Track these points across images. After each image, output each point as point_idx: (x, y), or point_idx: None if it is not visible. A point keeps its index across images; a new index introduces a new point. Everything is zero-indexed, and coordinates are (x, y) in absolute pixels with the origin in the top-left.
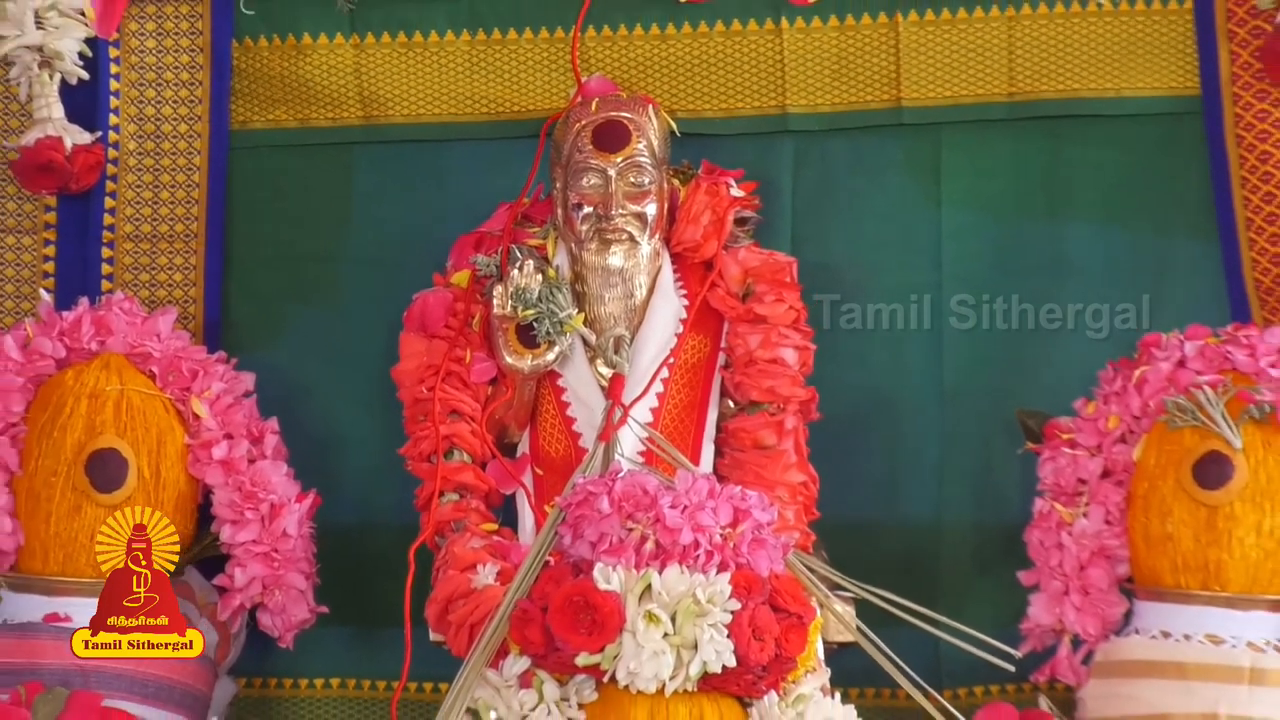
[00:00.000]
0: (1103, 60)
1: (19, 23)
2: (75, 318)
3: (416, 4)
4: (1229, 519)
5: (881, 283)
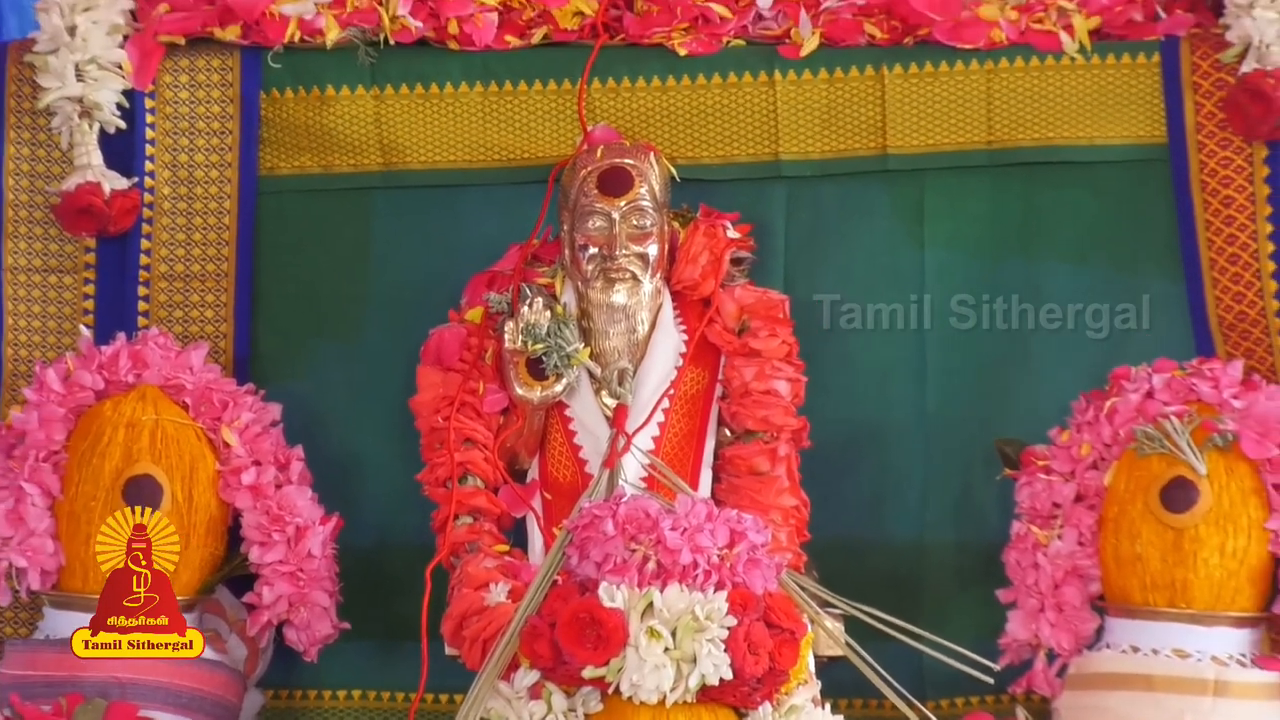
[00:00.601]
0: (1076, 111)
1: (60, 75)
2: (113, 352)
3: (433, 58)
4: (1194, 541)
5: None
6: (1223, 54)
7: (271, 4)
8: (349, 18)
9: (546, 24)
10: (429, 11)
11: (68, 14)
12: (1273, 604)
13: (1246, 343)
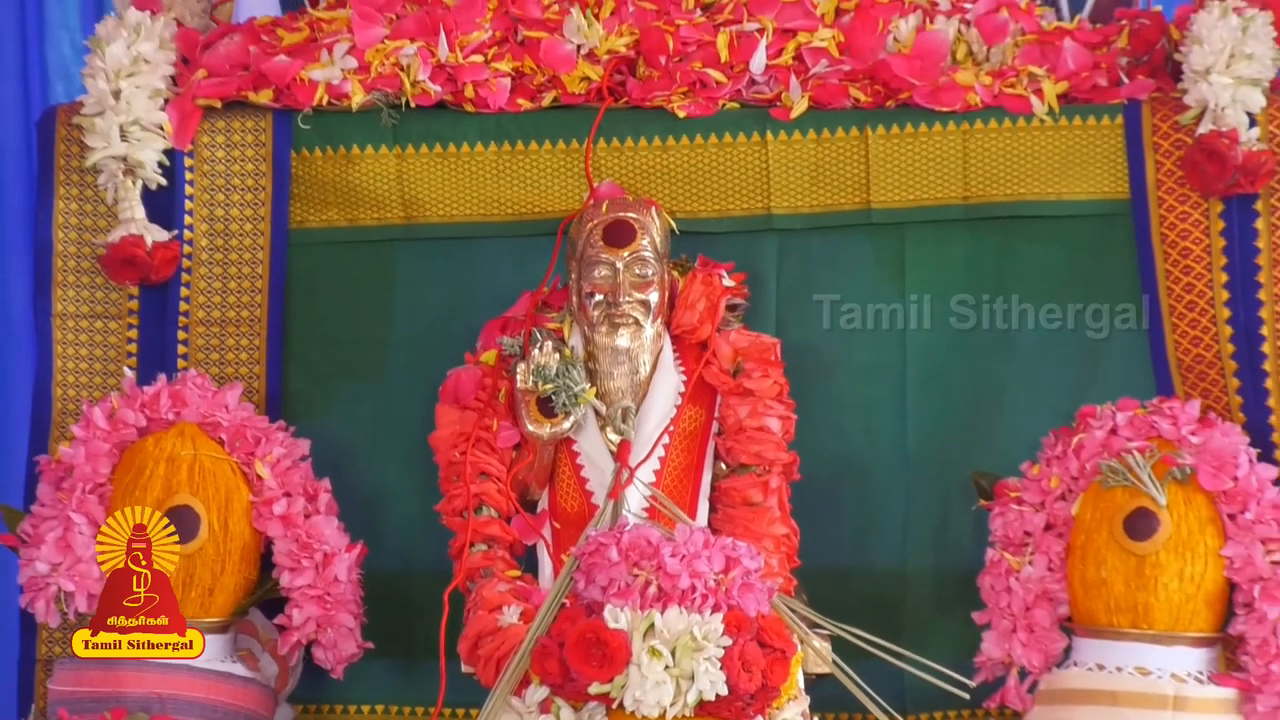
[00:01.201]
0: (1045, 169)
1: (106, 136)
2: (154, 392)
3: (451, 119)
4: (1155, 567)
5: (854, 360)
6: (1181, 116)
7: (301, 70)
8: (373, 82)
9: (555, 88)
10: (447, 76)
11: (113, 79)
12: (1228, 625)
13: (1203, 383)
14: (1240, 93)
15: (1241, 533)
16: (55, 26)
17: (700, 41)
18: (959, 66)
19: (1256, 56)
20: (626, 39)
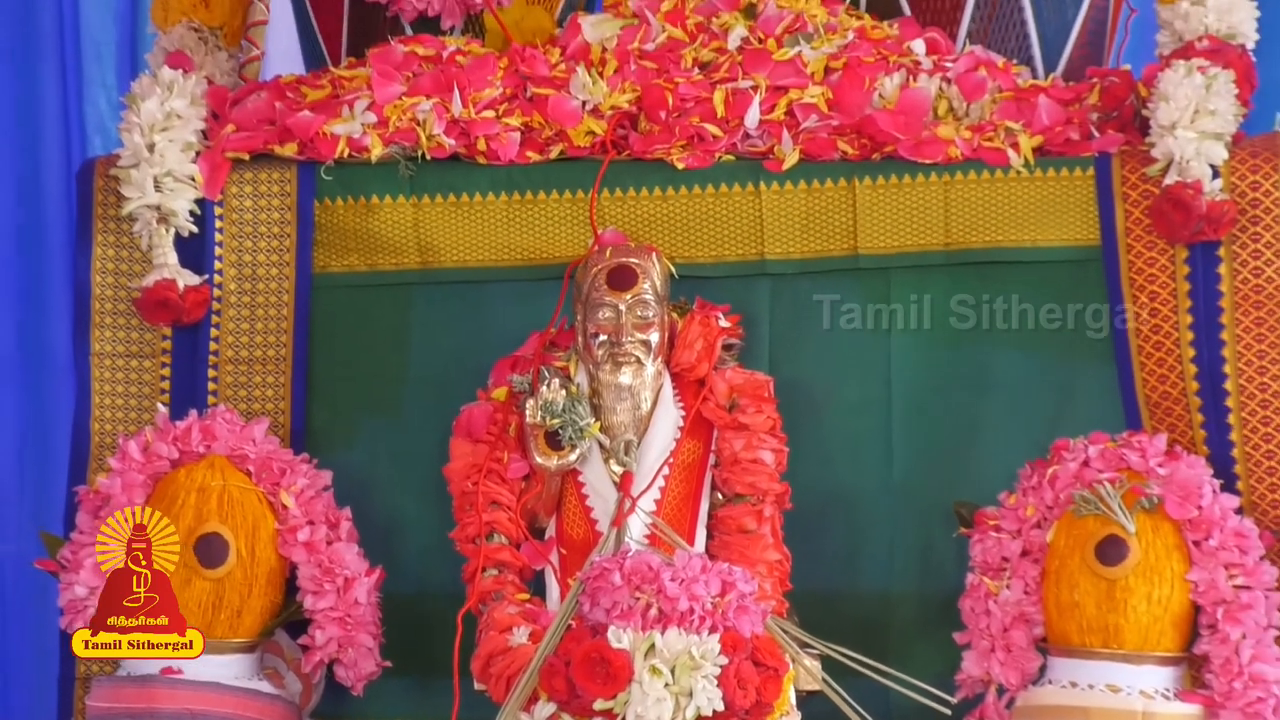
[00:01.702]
0: (1021, 217)
1: (141, 187)
2: (186, 426)
3: (464, 171)
4: (1124, 590)
5: (843, 397)
6: (1149, 168)
7: (324, 125)
8: (391, 136)
9: (562, 141)
10: (460, 130)
11: (147, 134)
12: (1193, 645)
13: (1169, 419)
14: (1204, 146)
15: (1206, 558)
16: (93, 84)
17: (698, 98)
18: (940, 121)
19: (1219, 112)
20: (629, 95)
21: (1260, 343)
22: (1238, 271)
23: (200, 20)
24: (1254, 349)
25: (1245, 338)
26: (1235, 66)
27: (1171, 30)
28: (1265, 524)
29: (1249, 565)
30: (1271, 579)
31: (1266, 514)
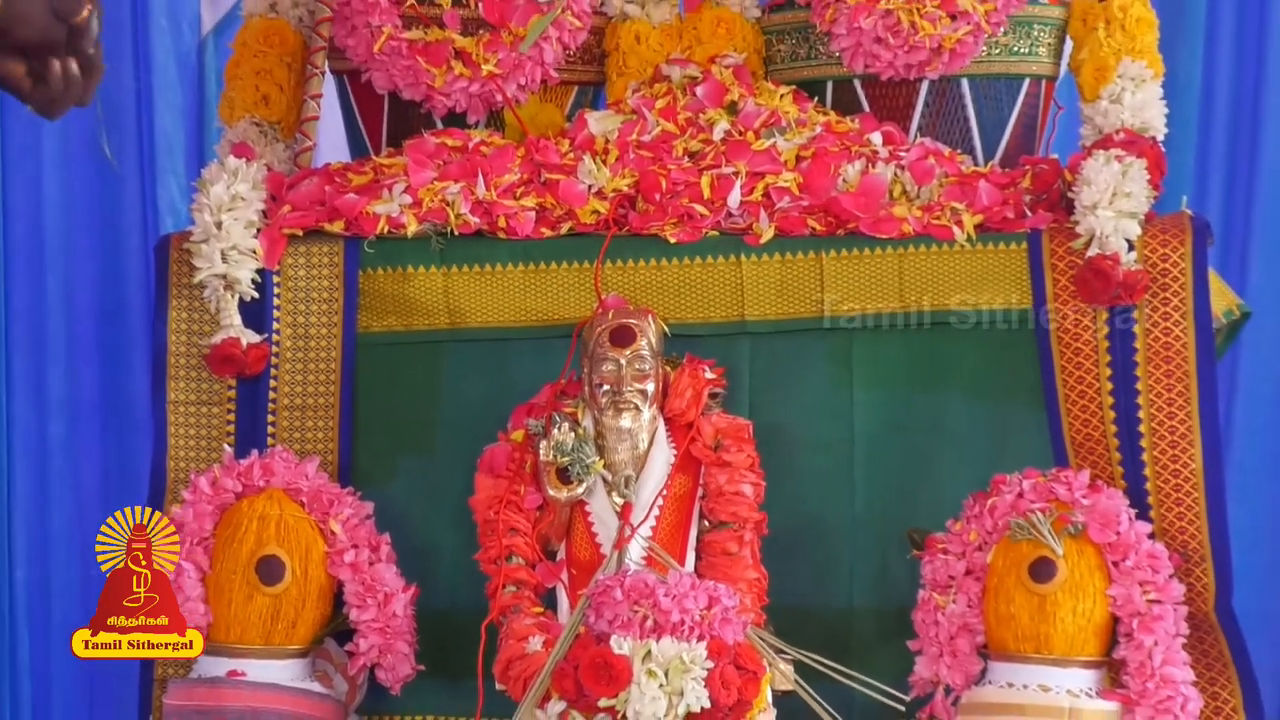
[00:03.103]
0: (965, 284)
1: (210, 258)
2: (248, 464)
3: (487, 244)
4: (1053, 604)
5: (812, 439)
6: (1074, 242)
7: (367, 205)
8: (424, 215)
9: (571, 219)
10: (484, 210)
11: (216, 213)
12: (1112, 651)
13: (1092, 457)
14: (1121, 224)
15: (1123, 577)
16: (165, 173)
17: (687, 182)
18: (895, 202)
19: (1133, 195)
20: (628, 180)
21: (1169, 391)
22: (1149, 331)
23: (261, 116)
24: (1164, 397)
25: (1156, 388)
26: (1148, 156)
27: (1093, 125)
28: (1173, 547)
29: (1160, 582)
30: (1179, 594)
31: (1174, 539)
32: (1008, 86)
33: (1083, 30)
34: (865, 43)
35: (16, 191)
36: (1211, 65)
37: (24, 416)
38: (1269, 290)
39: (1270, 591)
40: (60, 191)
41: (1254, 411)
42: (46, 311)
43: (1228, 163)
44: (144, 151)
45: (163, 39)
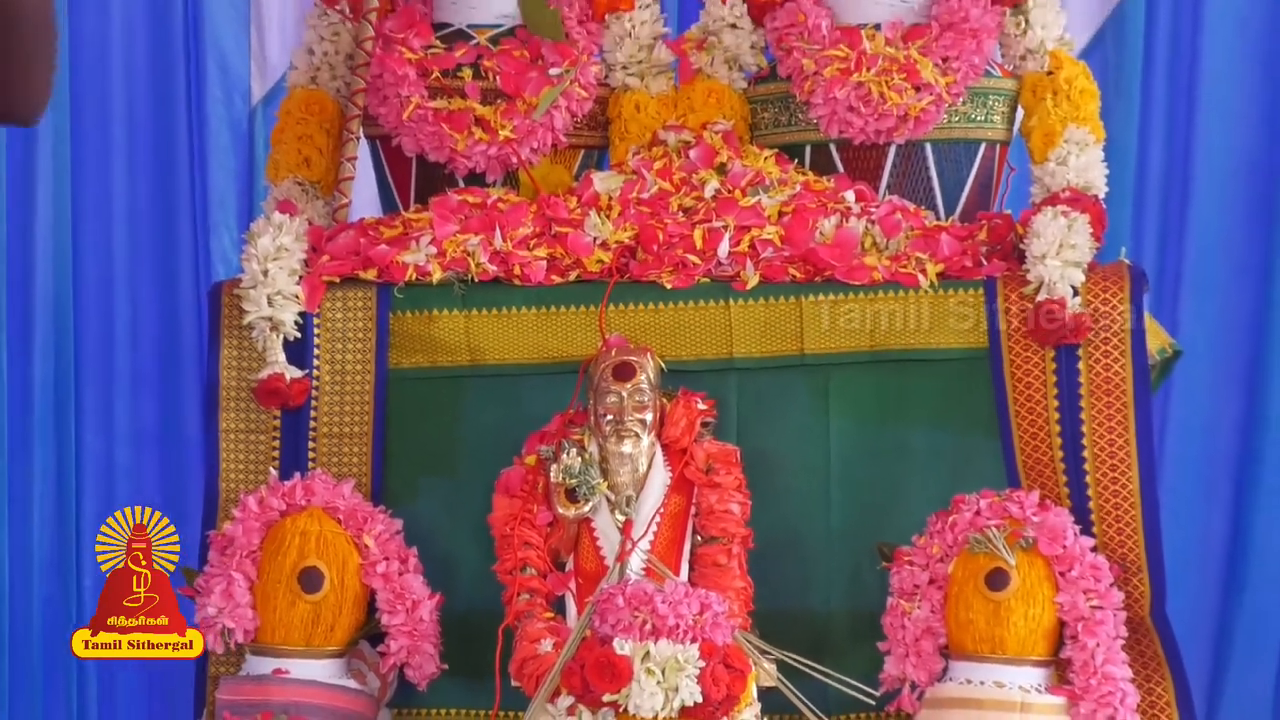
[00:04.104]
0: (929, 325)
1: (258, 303)
2: (291, 485)
3: (504, 290)
4: (1007, 610)
5: (793, 463)
6: (1025, 289)
7: (396, 255)
8: (448, 264)
9: (578, 268)
10: (501, 259)
11: (263, 262)
12: (1059, 652)
13: (1041, 479)
14: (1067, 272)
15: (1069, 585)
16: (218, 225)
17: (682, 235)
18: (866, 253)
19: (1078, 246)
20: (629, 233)
21: (1110, 421)
22: (1092, 368)
23: (303, 176)
24: (1105, 426)
25: (1098, 418)
26: (1090, 211)
27: (1042, 184)
28: (1113, 559)
29: (1102, 590)
30: (1119, 601)
31: (1114, 551)
32: (966, 150)
33: (1032, 100)
34: (839, 111)
35: (87, 239)
36: (1146, 130)
37: (93, 443)
38: (1198, 332)
39: (1201, 600)
40: (127, 243)
41: (1185, 441)
42: (114, 349)
43: (1160, 217)
44: (198, 207)
45: (216, 108)
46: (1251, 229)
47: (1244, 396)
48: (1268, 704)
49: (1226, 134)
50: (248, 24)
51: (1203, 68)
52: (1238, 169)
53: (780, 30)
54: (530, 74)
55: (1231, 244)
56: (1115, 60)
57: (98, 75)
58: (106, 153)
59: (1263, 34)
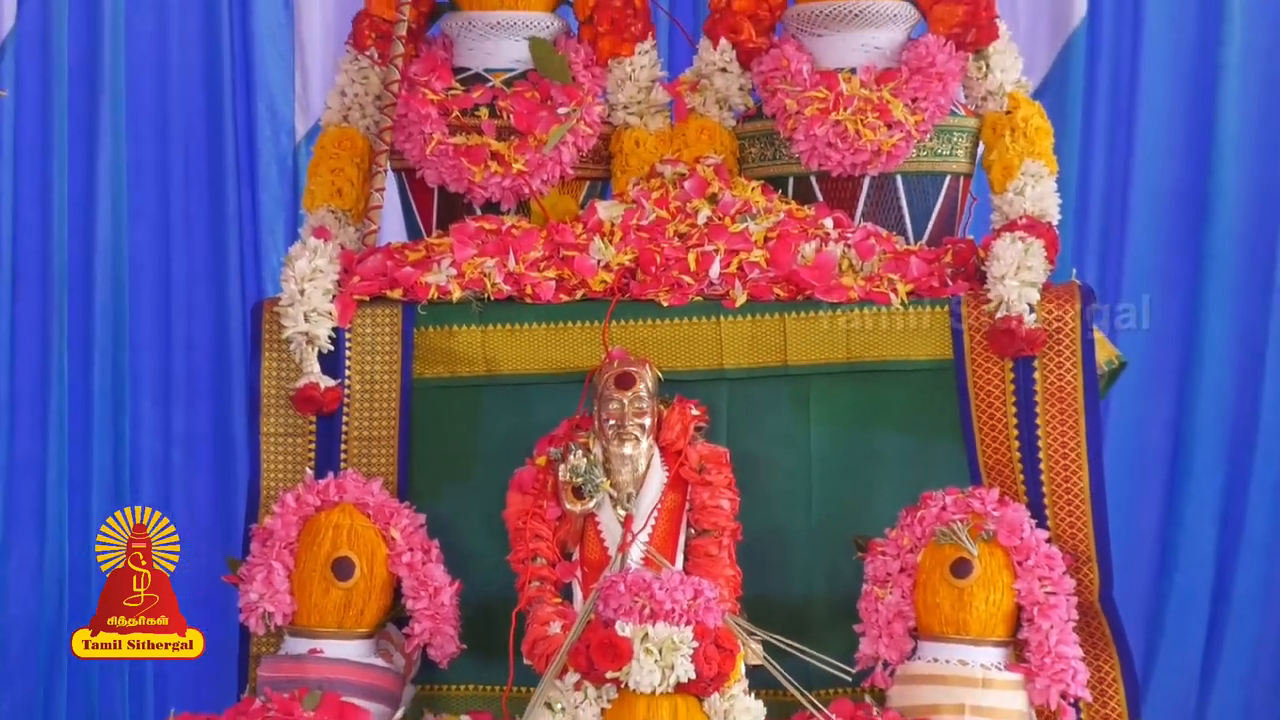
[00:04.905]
0: (899, 339)
1: (295, 319)
2: (325, 483)
3: (516, 307)
4: (969, 595)
5: (777, 463)
6: (986, 306)
7: (420, 277)
8: (466, 284)
9: (584, 288)
10: (514, 280)
11: (300, 283)
12: (1017, 633)
13: (1001, 478)
14: (1023, 292)
15: (1026, 573)
16: (267, 250)
17: (677, 257)
18: (843, 274)
19: (1034, 268)
20: (629, 256)
21: (1062, 426)
22: (1046, 377)
23: (336, 205)
24: (1058, 430)
25: (1052, 423)
26: (1045, 237)
27: (1001, 212)
28: (1065, 550)
29: (1055, 578)
30: (1070, 587)
31: (1066, 543)
32: (933, 182)
33: (992, 137)
34: (819, 147)
35: (145, 261)
36: (1087, 164)
37: (150, 446)
38: (1133, 342)
39: (1134, 583)
40: (184, 265)
41: (1121, 439)
42: (170, 361)
43: (1101, 243)
44: (245, 232)
45: (265, 145)
46: (1180, 252)
47: (1173, 398)
48: (1195, 678)
49: (1159, 166)
50: (293, 72)
51: (1139, 107)
52: (1168, 195)
53: (766, 74)
54: (541, 113)
55: (1164, 264)
56: (1058, 100)
57: (156, 114)
58: (165, 184)
59: (1190, 75)
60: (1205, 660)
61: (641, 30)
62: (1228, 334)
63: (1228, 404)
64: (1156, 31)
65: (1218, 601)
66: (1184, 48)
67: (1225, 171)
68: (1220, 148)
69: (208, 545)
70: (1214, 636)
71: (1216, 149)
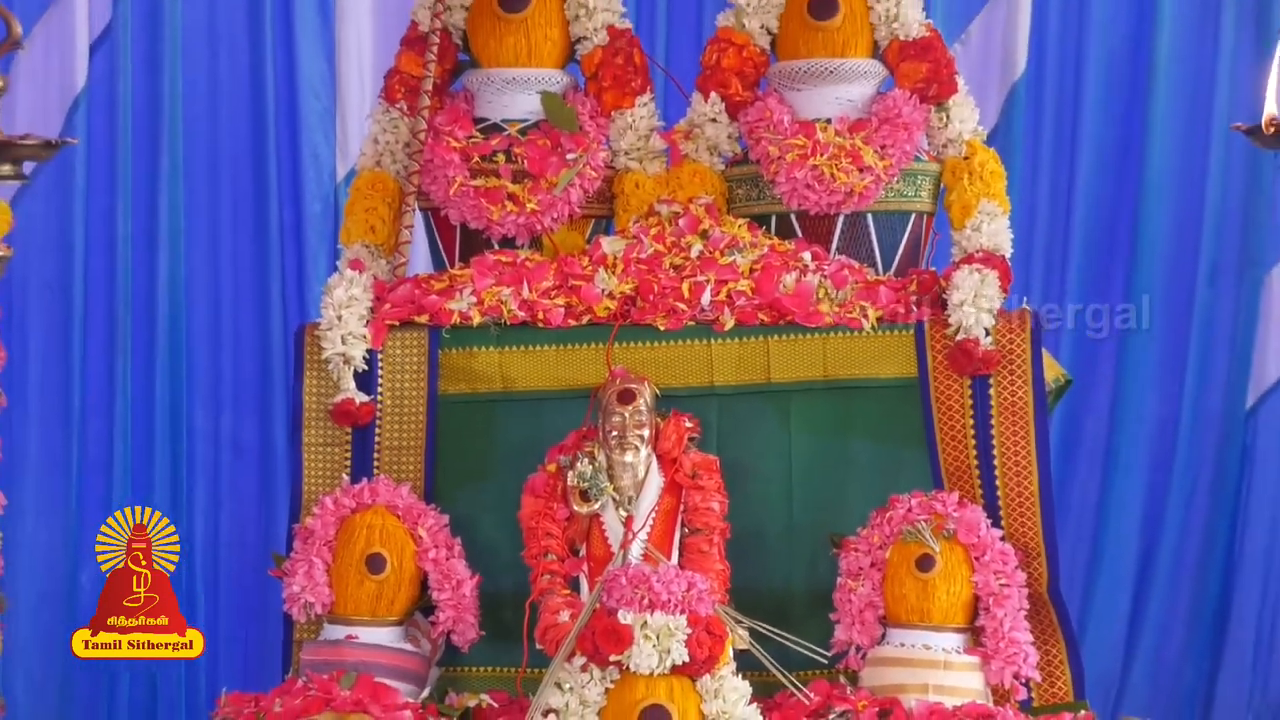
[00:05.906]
0: (870, 359)
1: (333, 341)
2: (360, 488)
3: (530, 331)
4: (932, 587)
5: (762, 471)
6: (947, 330)
7: (444, 304)
8: (485, 310)
9: (590, 314)
10: (528, 307)
11: (337, 309)
12: (974, 621)
13: (961, 483)
14: (980, 317)
15: (982, 568)
16: (311, 279)
17: (673, 287)
18: (820, 301)
19: (989, 296)
20: (630, 285)
21: (1015, 437)
22: (1000, 393)
23: (369, 241)
24: (1010, 441)
25: (1005, 434)
26: (999, 268)
27: (960, 246)
28: (1017, 547)
29: (1008, 572)
30: (1021, 580)
31: (1018, 540)
32: (900, 219)
33: (953, 179)
34: (798, 188)
35: (199, 289)
36: (1031, 202)
37: (204, 453)
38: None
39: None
40: (233, 294)
41: (1063, 442)
42: (220, 378)
43: (1045, 271)
44: (288, 264)
45: (309, 185)
46: (1115, 279)
47: (1106, 404)
48: (1119, 651)
49: (1095, 204)
50: (334, 123)
51: (1080, 149)
52: (1104, 230)
53: (751, 124)
54: (551, 159)
55: (1107, 290)
56: (1004, 145)
57: (210, 161)
58: (216, 222)
59: (1119, 119)
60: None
61: (641, 85)
62: (1152, 347)
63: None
64: (1094, 89)
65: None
66: (1115, 101)
67: (1151, 202)
68: (1146, 186)
69: (255, 542)
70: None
71: (1144, 187)
